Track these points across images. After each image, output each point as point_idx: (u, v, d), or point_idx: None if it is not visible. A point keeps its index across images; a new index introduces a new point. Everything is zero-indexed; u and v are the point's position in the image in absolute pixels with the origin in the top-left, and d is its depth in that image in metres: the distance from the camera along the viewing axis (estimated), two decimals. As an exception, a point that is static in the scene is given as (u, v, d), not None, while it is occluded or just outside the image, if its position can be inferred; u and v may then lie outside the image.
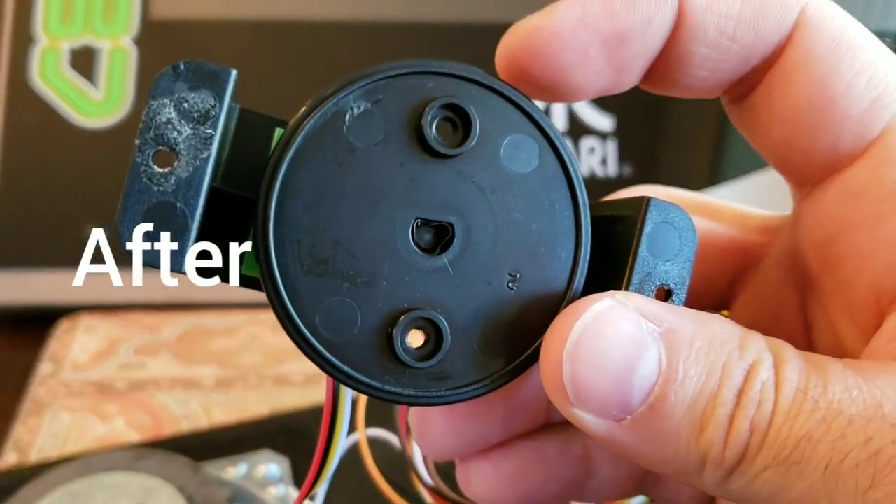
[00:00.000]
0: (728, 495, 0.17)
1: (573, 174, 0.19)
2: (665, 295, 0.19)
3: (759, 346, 0.17)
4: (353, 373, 0.18)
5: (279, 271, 0.18)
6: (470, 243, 0.19)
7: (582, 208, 0.19)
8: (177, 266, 0.17)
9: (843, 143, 0.19)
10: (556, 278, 0.19)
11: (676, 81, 0.20)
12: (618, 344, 0.17)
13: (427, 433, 0.25)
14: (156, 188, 0.17)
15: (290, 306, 0.18)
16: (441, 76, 0.19)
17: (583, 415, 0.17)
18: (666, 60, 0.20)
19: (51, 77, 0.69)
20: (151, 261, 0.17)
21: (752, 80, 0.20)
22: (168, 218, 0.17)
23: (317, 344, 0.18)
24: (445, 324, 0.18)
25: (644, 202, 0.19)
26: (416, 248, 0.19)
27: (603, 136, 0.76)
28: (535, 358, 0.19)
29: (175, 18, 0.72)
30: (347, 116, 0.18)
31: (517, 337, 0.19)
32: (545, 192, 0.19)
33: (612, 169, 0.76)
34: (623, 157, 0.76)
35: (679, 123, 0.77)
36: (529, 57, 0.19)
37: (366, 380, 0.18)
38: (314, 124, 0.18)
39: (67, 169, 0.69)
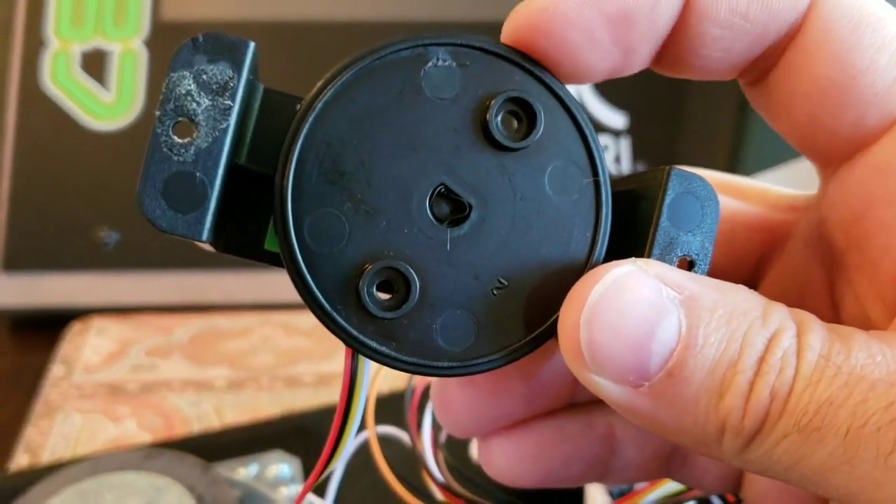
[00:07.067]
0: (748, 466, 0.17)
1: (603, 224, 0.19)
2: (687, 266, 0.19)
3: (782, 315, 0.17)
4: (310, 283, 0.18)
5: (298, 157, 0.18)
6: (478, 232, 0.19)
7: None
8: (197, 234, 0.17)
9: (868, 120, 0.19)
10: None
11: (689, 63, 0.20)
12: (636, 308, 0.16)
13: (448, 409, 0.25)
14: (175, 158, 0.17)
15: (289, 190, 0.18)
16: (531, 76, 0.19)
17: (600, 381, 0.17)
18: (677, 41, 0.19)
19: (62, 80, 0.69)
20: (172, 229, 0.17)
21: (769, 60, 0.20)
22: (188, 187, 0.17)
23: (293, 237, 0.18)
24: (417, 287, 0.18)
25: (665, 172, 0.19)
26: (428, 209, 0.19)
27: (616, 133, 0.75)
28: (482, 366, 0.19)
29: (185, 20, 0.72)
30: (430, 64, 0.18)
31: (488, 333, 0.19)
32: (569, 227, 0.19)
33: (625, 167, 0.75)
34: (637, 154, 0.75)
35: (693, 120, 0.76)
36: (534, 37, 0.19)
37: (318, 296, 0.18)
38: (397, 53, 0.18)
39: (79, 172, 0.69)
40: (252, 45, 0.18)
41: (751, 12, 0.19)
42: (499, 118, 0.18)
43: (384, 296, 0.19)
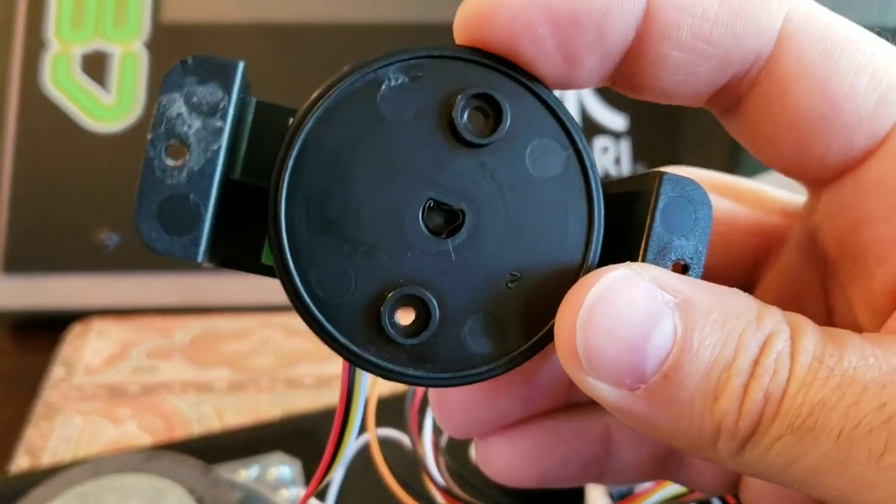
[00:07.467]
0: (743, 468, 0.17)
1: (594, 192, 0.19)
2: (682, 269, 0.19)
3: (776, 318, 0.17)
4: (336, 334, 0.18)
5: (285, 219, 0.18)
6: (477, 235, 0.19)
7: (596, 227, 0.19)
8: (193, 255, 0.17)
9: (856, 144, 0.19)
10: (563, 279, 0.19)
11: (651, 86, 0.19)
12: (632, 312, 0.16)
13: (446, 409, 0.25)
14: (169, 181, 0.17)
15: (287, 253, 0.18)
16: (484, 67, 0.19)
17: (597, 384, 0.17)
18: (635, 61, 0.19)
19: (63, 82, 0.69)
20: (169, 252, 0.17)
21: (737, 90, 0.19)
22: (182, 210, 0.17)
23: (307, 298, 0.18)
24: (436, 306, 0.18)
25: (658, 177, 0.19)
26: (423, 227, 0.19)
27: (616, 135, 0.75)
28: (519, 359, 0.19)
29: (185, 22, 0.72)
30: (384, 87, 0.18)
31: (513, 329, 0.19)
32: (562, 203, 0.19)
33: (626, 168, 0.75)
34: (637, 156, 0.75)
35: (693, 121, 0.77)
36: (479, 25, 0.18)
37: (348, 344, 0.18)
38: (349, 87, 0.18)
39: (79, 173, 0.69)
40: (241, 64, 0.18)
41: (714, 36, 0.18)
42: (465, 118, 0.18)
43: (407, 320, 0.19)
